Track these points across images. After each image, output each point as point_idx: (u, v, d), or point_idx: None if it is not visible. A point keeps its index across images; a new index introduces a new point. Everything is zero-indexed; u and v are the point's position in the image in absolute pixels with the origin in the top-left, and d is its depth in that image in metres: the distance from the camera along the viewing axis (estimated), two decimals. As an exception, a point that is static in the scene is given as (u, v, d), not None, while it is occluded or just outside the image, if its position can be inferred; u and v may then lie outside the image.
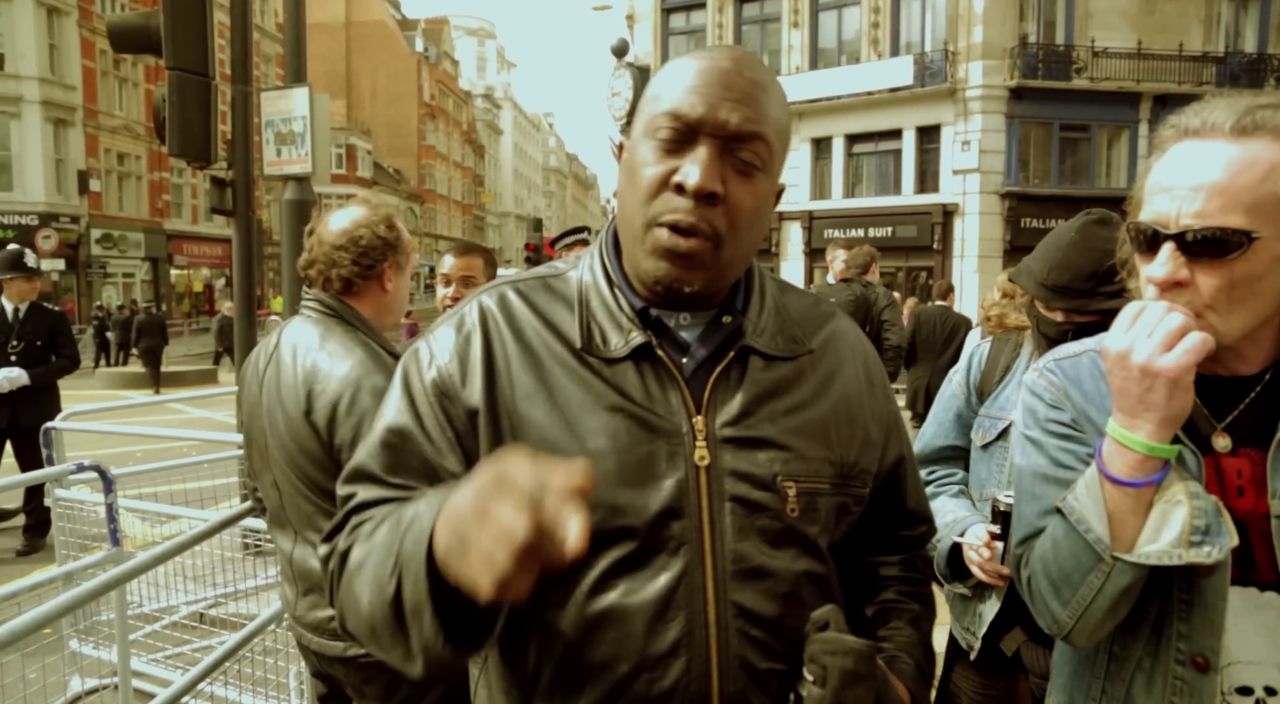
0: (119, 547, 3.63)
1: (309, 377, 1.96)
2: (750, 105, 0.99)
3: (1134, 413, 1.05)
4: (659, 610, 0.98)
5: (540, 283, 1.12)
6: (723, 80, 1.00)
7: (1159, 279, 1.07)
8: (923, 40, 22.77)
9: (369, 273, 2.09)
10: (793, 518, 1.04)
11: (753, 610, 1.01)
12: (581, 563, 0.98)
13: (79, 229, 28.42)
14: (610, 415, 1.01)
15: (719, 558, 1.00)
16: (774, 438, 1.04)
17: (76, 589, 2.07)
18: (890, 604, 1.18)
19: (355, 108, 55.16)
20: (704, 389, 1.04)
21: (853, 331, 1.21)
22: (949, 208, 22.36)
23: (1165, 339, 1.02)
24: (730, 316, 1.08)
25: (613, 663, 0.99)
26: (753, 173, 1.01)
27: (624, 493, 0.99)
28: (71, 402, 6.06)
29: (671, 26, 25.82)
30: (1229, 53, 22.36)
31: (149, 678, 3.69)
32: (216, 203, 5.72)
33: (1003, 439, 2.01)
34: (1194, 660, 1.11)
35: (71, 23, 28.02)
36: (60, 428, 4.36)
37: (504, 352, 1.05)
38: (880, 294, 6.06)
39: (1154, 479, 1.06)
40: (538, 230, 26.99)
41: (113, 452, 6.01)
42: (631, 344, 1.04)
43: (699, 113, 0.98)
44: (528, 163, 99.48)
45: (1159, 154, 1.13)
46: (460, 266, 3.08)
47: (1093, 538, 1.09)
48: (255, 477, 2.16)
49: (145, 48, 5.34)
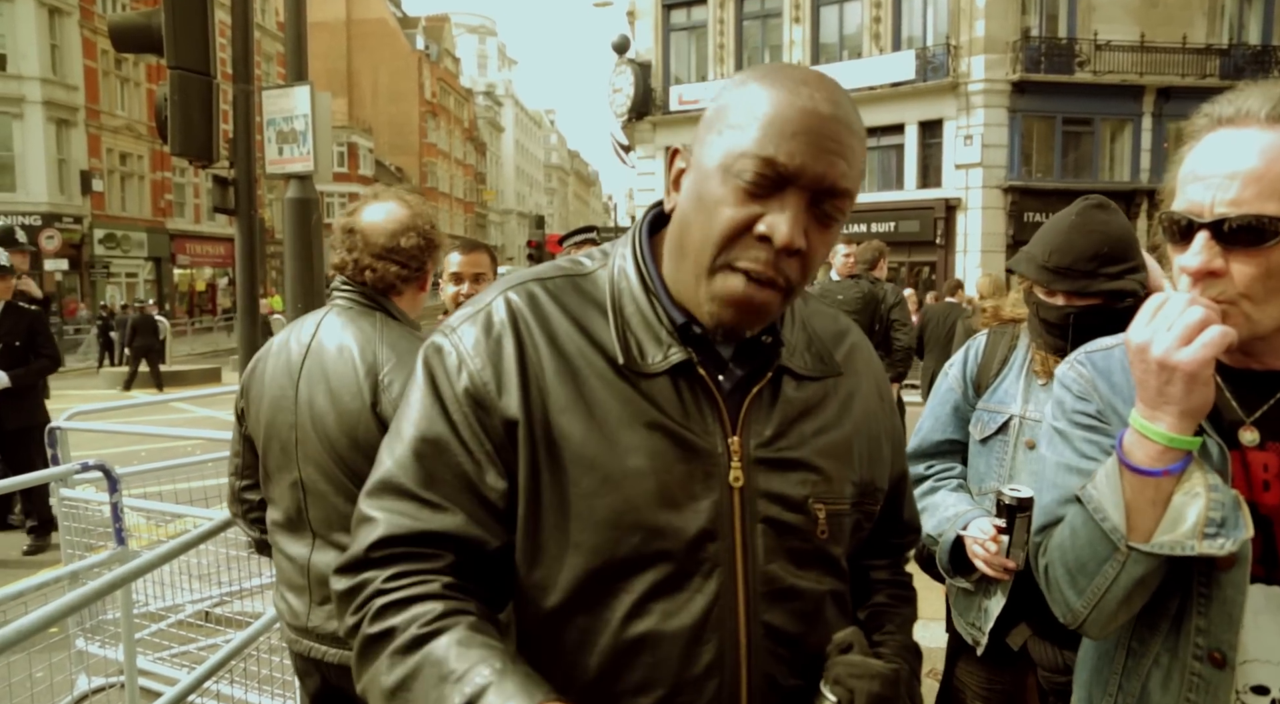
0: (124, 546, 3.64)
1: (373, 368, 1.93)
2: (848, 159, 0.95)
3: (1154, 405, 1.05)
4: (695, 635, 0.97)
5: (569, 282, 1.06)
6: (824, 130, 0.93)
7: (1193, 269, 1.06)
8: (924, 34, 22.72)
9: (416, 274, 2.11)
10: (822, 540, 1.04)
11: (781, 630, 1.01)
12: (617, 586, 0.98)
13: (82, 229, 28.46)
14: (649, 433, 0.98)
15: (750, 580, 1.00)
16: (805, 459, 1.04)
17: (82, 588, 2.07)
18: (882, 608, 1.19)
19: (357, 106, 55.15)
20: (739, 409, 1.02)
21: (865, 346, 1.20)
22: (951, 202, 22.33)
23: (1184, 333, 1.01)
24: (770, 336, 1.05)
25: (648, 687, 0.98)
26: (832, 225, 0.98)
27: (663, 514, 0.97)
28: (76, 401, 6.07)
29: (673, 22, 25.77)
30: (1233, 45, 22.28)
31: (155, 676, 3.70)
32: (219, 202, 5.72)
33: (1002, 433, 2.00)
34: (1211, 656, 1.10)
35: (73, 23, 28.03)
36: (65, 427, 4.37)
37: (538, 358, 1.00)
38: (889, 291, 5.94)
39: (1173, 469, 1.06)
40: (540, 228, 27.05)
41: (117, 451, 6.02)
42: (671, 360, 1.00)
43: (797, 165, 0.92)
44: (529, 160, 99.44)
45: (1192, 143, 1.12)
46: (471, 263, 3.09)
47: (1109, 527, 1.09)
48: (268, 478, 2.08)
49: (147, 47, 5.34)
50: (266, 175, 6.12)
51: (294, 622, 2.01)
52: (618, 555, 0.97)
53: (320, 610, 1.96)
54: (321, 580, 1.95)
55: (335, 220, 2.21)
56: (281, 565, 2.07)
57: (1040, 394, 1.96)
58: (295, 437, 1.99)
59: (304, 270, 5.74)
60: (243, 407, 2.16)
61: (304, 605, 1.99)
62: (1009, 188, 21.93)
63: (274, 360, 2.09)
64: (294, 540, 2.02)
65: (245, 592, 4.28)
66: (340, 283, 2.11)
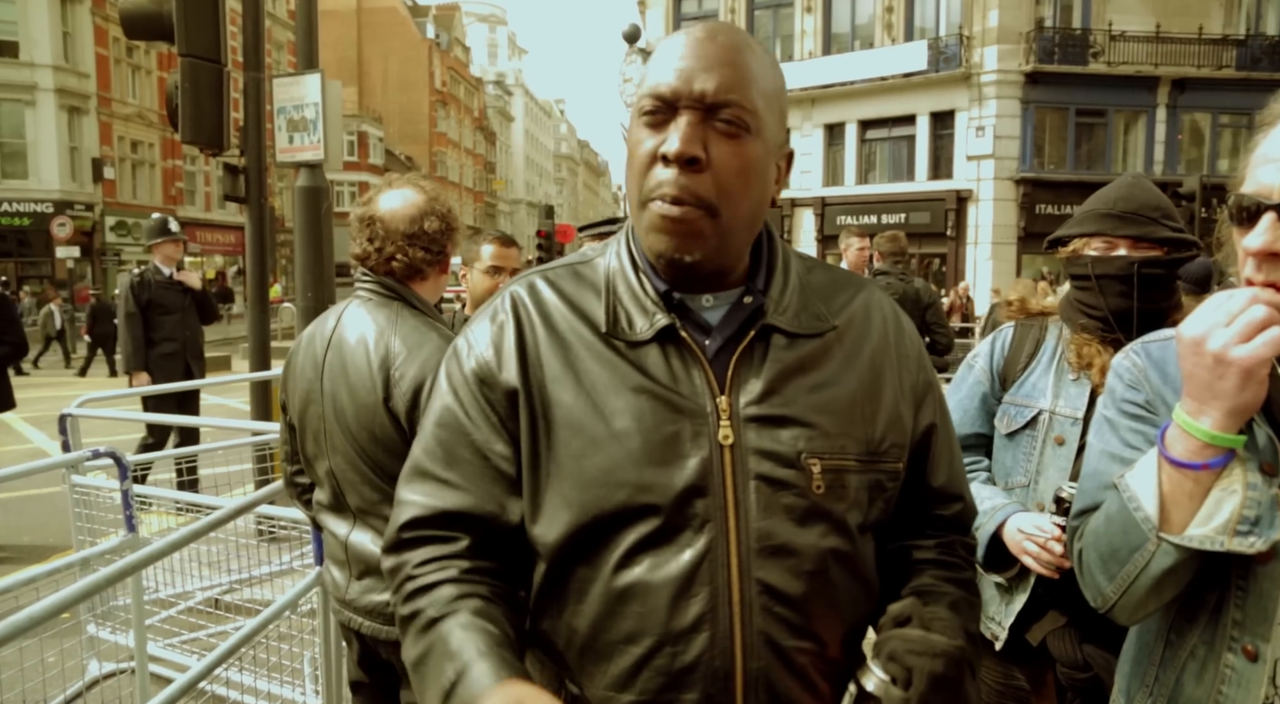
0: (135, 533, 3.66)
1: (385, 362, 1.94)
2: (724, 70, 1.01)
3: (1202, 399, 1.04)
4: (682, 586, 0.99)
5: (569, 270, 1.16)
6: (696, 50, 1.02)
7: (1255, 248, 1.04)
8: (937, 25, 22.57)
9: (439, 258, 2.13)
10: (818, 495, 1.03)
11: (777, 588, 1.01)
12: (608, 539, 1.02)
13: (93, 216, 28.56)
14: (635, 396, 1.04)
15: (743, 535, 1.01)
16: (797, 415, 1.05)
17: (94, 575, 2.08)
18: (925, 589, 1.11)
19: (367, 95, 55.13)
20: (727, 369, 1.06)
21: (886, 303, 1.19)
22: (963, 194, 22.21)
23: (1245, 330, 1.00)
24: (751, 297, 1.09)
25: (636, 637, 1.01)
26: (738, 135, 1.01)
27: (649, 471, 1.01)
28: (87, 388, 6.09)
29: (684, 11, 25.65)
30: (1250, 35, 22.05)
31: (165, 662, 3.73)
32: (229, 190, 5.73)
33: (1030, 428, 1.96)
34: (1245, 650, 1.10)
35: (84, 10, 28.07)
36: (76, 414, 4.38)
37: (534, 336, 1.09)
38: (922, 290, 5.46)
39: (1213, 463, 1.04)
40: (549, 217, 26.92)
41: (128, 438, 6.05)
42: (656, 326, 1.06)
43: (674, 87, 1.01)
44: (539, 150, 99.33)
45: (1266, 129, 1.10)
46: (508, 256, 3.20)
47: (1141, 516, 1.09)
48: (309, 464, 2.14)
49: (158, 34, 5.34)
50: (277, 164, 6.13)
51: (336, 594, 2.11)
52: (606, 510, 1.02)
53: (358, 585, 2.04)
54: (359, 557, 2.03)
55: (350, 210, 2.21)
56: (329, 542, 2.16)
57: (1071, 388, 1.92)
58: (324, 428, 2.03)
59: (314, 259, 5.75)
60: (284, 398, 2.22)
61: (345, 579, 2.08)
62: (1021, 179, 21.80)
63: (304, 353, 2.14)
64: (337, 520, 2.11)
65: (255, 579, 4.31)
66: (361, 274, 2.11)
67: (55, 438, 4.61)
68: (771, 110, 1.05)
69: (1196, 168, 20.81)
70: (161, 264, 6.51)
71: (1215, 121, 22.36)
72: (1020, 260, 22.21)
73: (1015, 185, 21.88)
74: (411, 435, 1.88)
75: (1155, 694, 1.22)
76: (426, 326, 2.02)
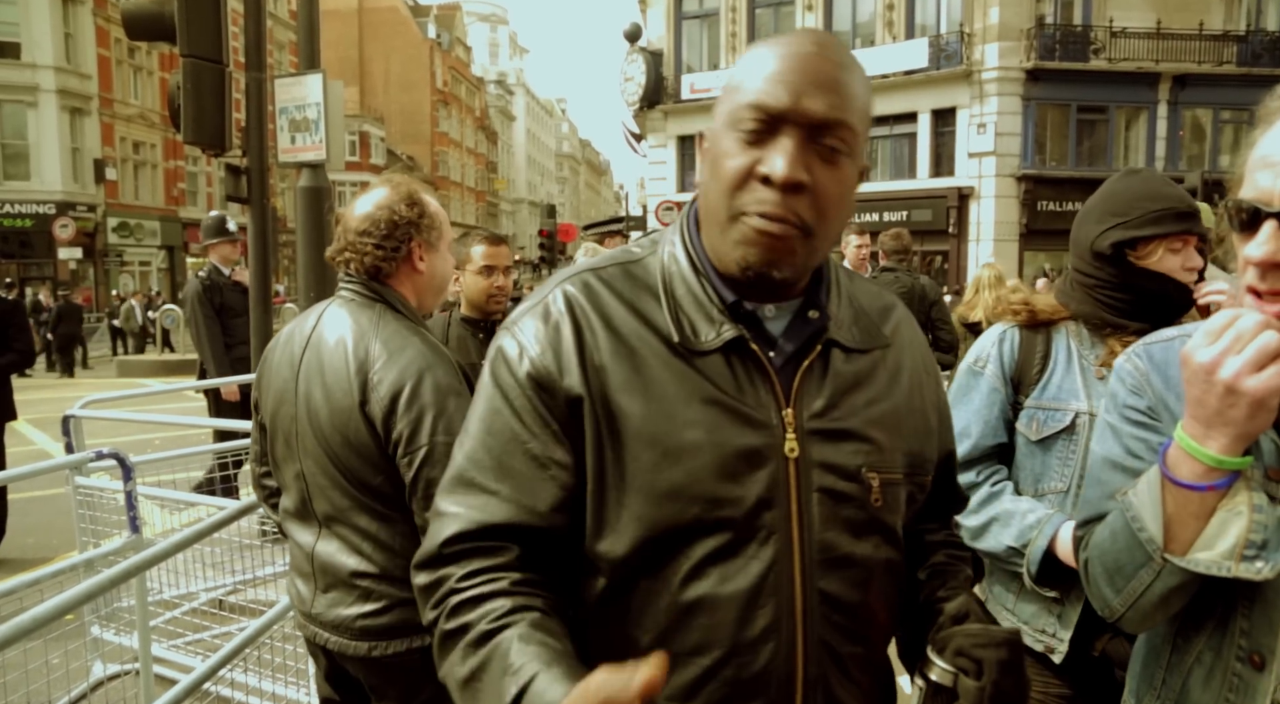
0: (138, 534, 3.66)
1: (363, 365, 1.88)
2: (834, 91, 0.99)
3: (1209, 424, 1.01)
4: (751, 598, 1.00)
5: (621, 269, 1.11)
6: (805, 66, 0.99)
7: (1258, 258, 1.01)
8: (938, 22, 22.54)
9: (395, 254, 2.01)
10: (877, 508, 1.07)
11: (837, 597, 1.04)
12: (677, 552, 1.01)
13: (95, 218, 28.59)
14: (705, 408, 1.02)
15: (807, 547, 1.02)
16: (858, 429, 1.07)
17: (98, 576, 2.08)
18: (943, 567, 1.21)
19: (368, 95, 55.13)
20: (792, 382, 1.06)
21: (910, 320, 1.23)
22: (964, 191, 22.18)
23: (1257, 358, 0.97)
24: (816, 311, 1.09)
25: (705, 648, 1.01)
26: (838, 159, 1.00)
27: (722, 486, 1.01)
28: (90, 390, 6.09)
29: (685, 10, 25.63)
30: (1250, 31, 22.01)
31: (169, 664, 3.73)
32: (231, 190, 5.74)
33: (1068, 433, 1.87)
34: (1251, 658, 1.09)
35: (86, 11, 28.10)
36: (80, 415, 4.39)
37: (595, 340, 1.05)
38: (927, 287, 5.57)
39: (1218, 484, 1.02)
40: (551, 217, 26.96)
41: (132, 439, 6.05)
42: (724, 337, 1.04)
43: (783, 103, 0.98)
44: (541, 149, 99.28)
45: (1264, 127, 1.06)
46: (503, 255, 3.13)
47: (1145, 537, 1.07)
48: (277, 467, 2.08)
49: (160, 35, 5.35)
50: (279, 164, 6.13)
51: (301, 607, 2.03)
52: (679, 524, 1.01)
53: (324, 598, 1.96)
54: (325, 568, 1.95)
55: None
56: (294, 552, 2.08)
57: (1101, 388, 1.86)
58: (296, 430, 1.97)
59: (316, 259, 5.74)
60: (257, 397, 2.15)
61: (310, 592, 2.00)
62: (1023, 176, 21.77)
63: (280, 351, 2.08)
64: (302, 528, 2.03)
65: (258, 580, 4.31)
66: (343, 275, 2.07)
67: (58, 439, 4.60)
68: (865, 130, 1.04)
69: (1198, 164, 20.77)
70: (220, 265, 6.19)
71: (1216, 117, 22.31)
72: (1022, 257, 22.17)
73: (1017, 182, 21.84)
74: (387, 441, 1.84)
75: (1163, 697, 1.21)
76: (409, 331, 1.95)
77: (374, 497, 1.90)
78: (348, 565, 1.92)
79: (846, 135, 0.99)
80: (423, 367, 1.86)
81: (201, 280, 6.08)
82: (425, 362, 1.87)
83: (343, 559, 1.92)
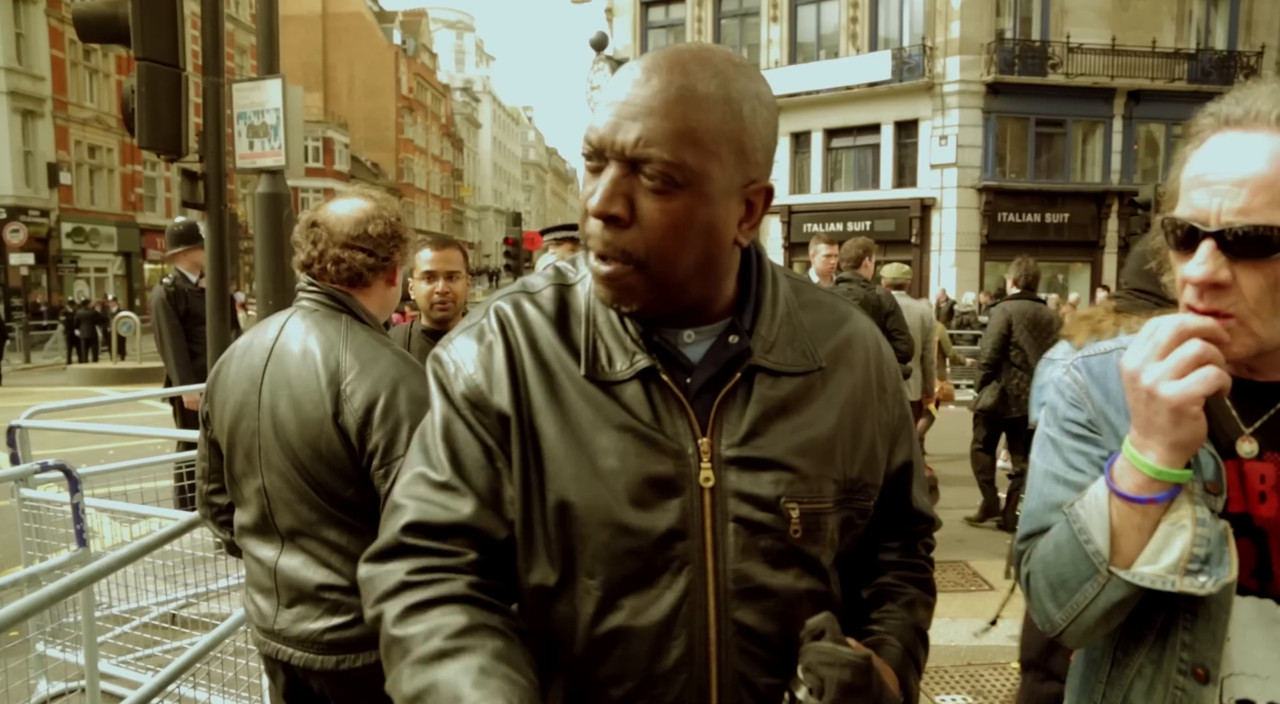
0: (85, 547, 3.56)
1: (335, 376, 1.85)
2: (650, 120, 0.92)
3: (1145, 433, 1.01)
4: (664, 630, 1.00)
5: (555, 292, 1.10)
6: (623, 98, 0.94)
7: (1197, 279, 1.00)
8: (901, 35, 22.88)
9: (384, 264, 2.02)
10: (795, 539, 1.04)
11: (753, 629, 1.02)
12: (589, 582, 1.01)
13: (49, 223, 27.96)
14: (619, 435, 1.01)
15: (721, 578, 1.01)
16: (779, 458, 1.03)
17: (42, 591, 2.02)
18: (886, 587, 1.18)
19: (332, 101, 54.61)
20: (709, 410, 1.03)
21: (869, 333, 1.18)
22: (927, 202, 22.51)
23: (1178, 366, 0.96)
24: (737, 336, 1.05)
25: (619, 680, 1.01)
26: (667, 191, 0.94)
27: (632, 513, 1.00)
28: (42, 399, 5.93)
29: (650, 20, 25.76)
30: (1200, 49, 22.64)
31: (118, 680, 3.63)
32: (188, 196, 5.62)
33: None
34: (1195, 671, 1.08)
35: (39, 11, 27.52)
36: (26, 426, 4.27)
37: (522, 362, 1.05)
38: (883, 298, 5.58)
39: (1159, 497, 1.02)
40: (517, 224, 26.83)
41: (85, 449, 5.90)
42: (636, 367, 1.03)
43: (598, 135, 0.95)
44: (507, 157, 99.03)
45: (1196, 143, 1.05)
46: (443, 259, 3.00)
47: (1091, 550, 1.06)
48: (234, 482, 2.03)
49: (113, 37, 5.23)
50: (238, 170, 6.03)
51: (262, 624, 1.98)
52: (586, 551, 1.00)
53: (288, 613, 1.92)
54: (289, 584, 1.92)
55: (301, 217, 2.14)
56: (251, 568, 2.03)
57: None
58: (258, 444, 1.93)
59: (275, 267, 5.65)
60: (207, 410, 2.09)
61: (272, 608, 1.95)
62: (983, 188, 22.14)
63: (237, 363, 2.02)
64: (262, 544, 1.98)
65: (212, 593, 4.21)
66: (306, 283, 2.02)
67: (3, 450, 4.47)
68: (728, 153, 0.95)
69: (1152, 177, 21.27)
70: (188, 272, 6.03)
71: (1169, 132, 22.85)
72: (983, 267, 22.53)
73: (978, 193, 22.20)
74: (361, 453, 1.82)
75: None
76: (378, 342, 1.93)
77: (344, 509, 1.87)
78: (314, 579, 1.89)
79: (669, 168, 0.93)
80: (396, 378, 1.84)
81: (166, 287, 5.96)
82: (399, 372, 1.86)
83: (308, 573, 1.89)
